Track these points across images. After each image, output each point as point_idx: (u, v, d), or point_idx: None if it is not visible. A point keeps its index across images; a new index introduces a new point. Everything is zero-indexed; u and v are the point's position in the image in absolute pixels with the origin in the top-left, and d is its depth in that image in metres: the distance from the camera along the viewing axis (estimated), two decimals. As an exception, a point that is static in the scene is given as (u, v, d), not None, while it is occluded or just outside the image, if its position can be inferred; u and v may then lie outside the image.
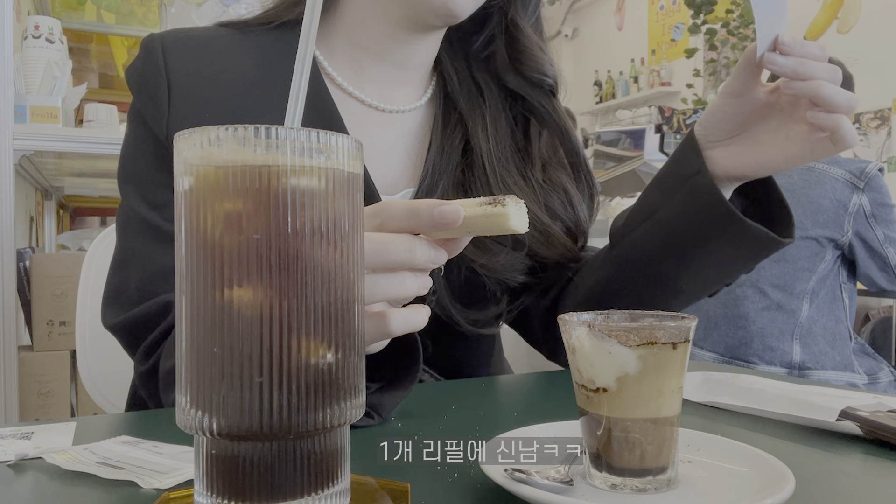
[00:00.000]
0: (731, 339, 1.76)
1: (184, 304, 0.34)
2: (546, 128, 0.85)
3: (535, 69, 0.83)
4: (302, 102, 0.38)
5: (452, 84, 0.84)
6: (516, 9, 0.83)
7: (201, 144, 0.33)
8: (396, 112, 0.82)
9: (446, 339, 0.76)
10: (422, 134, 0.83)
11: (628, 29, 6.42)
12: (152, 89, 0.72)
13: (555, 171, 0.83)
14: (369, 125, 0.80)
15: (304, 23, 0.38)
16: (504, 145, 0.82)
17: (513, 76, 0.83)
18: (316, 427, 0.34)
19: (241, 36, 0.78)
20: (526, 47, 0.83)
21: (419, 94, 0.84)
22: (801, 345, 1.72)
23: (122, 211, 0.74)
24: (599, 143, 3.26)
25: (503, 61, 0.84)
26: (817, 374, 1.71)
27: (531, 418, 0.51)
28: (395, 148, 0.81)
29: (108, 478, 0.44)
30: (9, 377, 1.67)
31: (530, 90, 0.83)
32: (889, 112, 4.16)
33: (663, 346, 0.40)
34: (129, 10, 3.24)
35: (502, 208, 0.42)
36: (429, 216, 0.43)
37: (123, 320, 0.69)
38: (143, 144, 0.73)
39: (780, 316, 1.72)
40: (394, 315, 0.45)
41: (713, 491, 0.41)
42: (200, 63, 0.74)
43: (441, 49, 0.84)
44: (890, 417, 0.53)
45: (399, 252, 0.43)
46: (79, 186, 3.00)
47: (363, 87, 0.80)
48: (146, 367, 0.68)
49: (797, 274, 1.71)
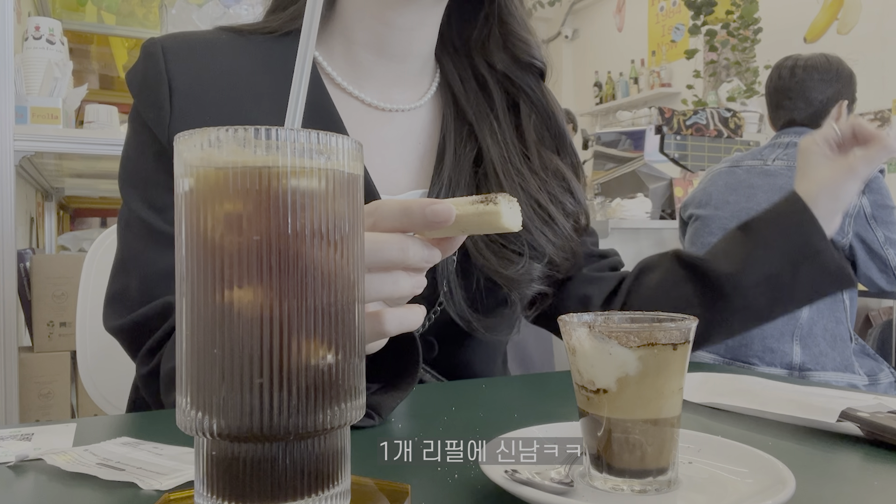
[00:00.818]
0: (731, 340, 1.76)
1: (184, 305, 0.34)
2: (534, 111, 0.85)
3: (526, 52, 0.83)
4: (302, 104, 0.38)
5: (456, 84, 0.85)
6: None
7: (201, 146, 0.33)
8: (397, 111, 0.82)
9: (455, 341, 0.76)
10: (426, 134, 0.83)
11: (628, 30, 6.43)
12: (154, 93, 0.72)
13: (550, 158, 0.83)
14: (370, 125, 0.80)
15: (304, 24, 0.38)
16: (512, 148, 0.82)
17: (501, 56, 0.84)
18: (316, 428, 0.34)
19: (242, 39, 0.78)
20: (516, 31, 0.83)
21: (420, 93, 0.84)
22: (801, 346, 1.72)
23: (123, 214, 0.74)
24: (599, 144, 3.26)
25: (495, 43, 0.84)
26: (817, 375, 1.71)
27: (531, 419, 0.51)
28: (398, 147, 0.81)
29: (108, 479, 0.44)
30: (9, 378, 1.67)
31: (519, 72, 0.84)
32: (889, 113, 4.16)
33: (664, 347, 0.40)
34: (130, 12, 3.25)
35: (494, 206, 0.42)
36: (421, 215, 0.43)
37: (125, 323, 0.69)
38: (144, 147, 0.73)
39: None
40: (389, 315, 0.45)
41: (713, 492, 0.41)
42: (201, 66, 0.74)
43: (438, 46, 0.84)
44: (890, 418, 0.53)
45: (392, 251, 0.43)
46: (79, 187, 3.00)
47: (363, 86, 0.80)
48: (148, 370, 0.68)
49: None
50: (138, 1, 3.21)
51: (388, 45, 0.79)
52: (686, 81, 5.03)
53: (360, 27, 0.78)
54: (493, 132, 0.81)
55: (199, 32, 0.80)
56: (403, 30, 0.78)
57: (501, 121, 0.83)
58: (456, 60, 0.86)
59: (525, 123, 0.84)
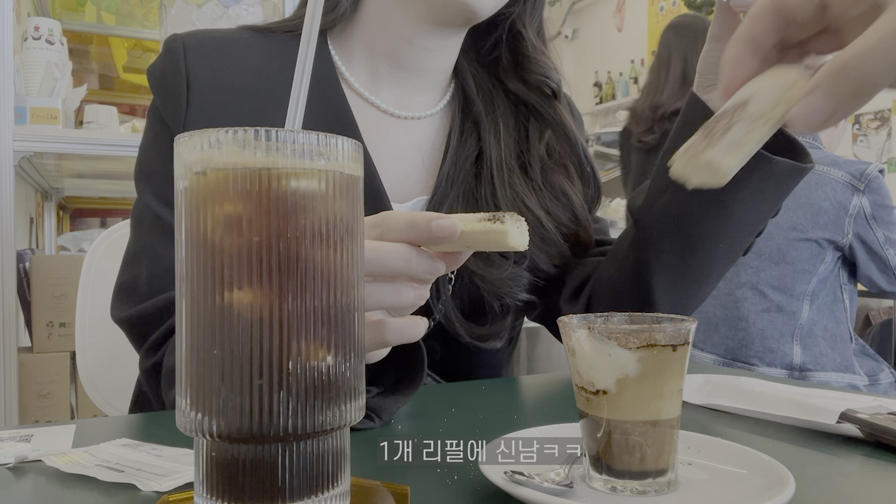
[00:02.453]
0: (731, 340, 1.76)
1: (184, 306, 0.34)
2: (549, 129, 0.84)
3: (537, 72, 0.83)
4: (303, 104, 0.38)
5: (470, 89, 0.85)
6: (522, 19, 0.83)
7: (201, 147, 0.33)
8: (412, 119, 0.82)
9: (456, 346, 0.76)
10: (437, 141, 0.83)
11: (628, 30, 6.43)
12: (171, 88, 0.73)
13: (553, 174, 0.83)
14: (384, 131, 0.80)
15: (304, 24, 0.38)
16: (511, 152, 0.82)
17: (514, 81, 0.84)
18: (315, 429, 0.34)
19: (264, 39, 0.79)
20: (529, 53, 0.83)
21: (436, 100, 0.85)
22: (801, 346, 1.72)
23: (136, 207, 0.75)
24: (599, 143, 3.26)
25: (507, 66, 0.84)
26: (818, 375, 1.71)
27: (531, 420, 0.51)
28: (411, 155, 0.81)
29: (107, 480, 0.44)
30: (8, 379, 1.67)
31: (532, 94, 0.83)
32: (889, 113, 4.16)
33: (663, 348, 0.40)
34: (129, 12, 3.25)
35: (501, 225, 0.42)
36: (426, 229, 0.43)
37: (132, 315, 0.70)
38: (160, 142, 0.74)
39: (780, 318, 1.72)
40: (391, 325, 0.46)
41: (713, 493, 0.41)
42: (221, 64, 0.75)
43: (460, 54, 0.84)
44: (890, 420, 0.53)
45: (396, 261, 0.44)
46: (79, 188, 3.00)
47: (380, 92, 0.81)
48: (151, 363, 0.68)
49: (797, 276, 1.71)
50: (138, 1, 3.20)
51: (408, 61, 0.79)
52: (686, 82, 5.02)
53: (382, 39, 0.79)
54: (496, 133, 0.82)
55: (222, 30, 0.81)
56: (426, 49, 0.79)
57: (508, 126, 0.83)
58: (472, 69, 0.87)
59: (532, 136, 0.83)
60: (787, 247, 1.67)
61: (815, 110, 0.37)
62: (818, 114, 0.37)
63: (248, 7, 2.09)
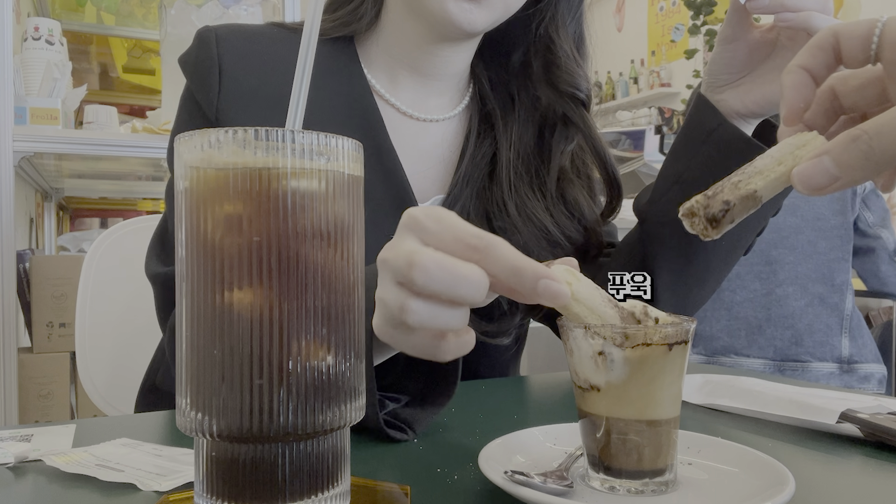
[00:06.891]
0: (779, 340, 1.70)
1: (184, 306, 0.34)
2: (577, 138, 0.84)
3: (568, 83, 0.82)
4: (303, 105, 0.38)
5: (486, 92, 0.86)
6: (555, 23, 0.83)
7: (202, 147, 0.33)
8: (431, 121, 0.84)
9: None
10: (455, 142, 0.85)
11: (628, 30, 6.43)
12: (204, 74, 0.75)
13: (570, 185, 0.83)
14: (403, 132, 0.82)
15: (304, 25, 0.38)
16: (524, 158, 0.83)
17: (545, 88, 0.84)
18: (316, 429, 0.34)
19: (291, 34, 0.81)
20: (560, 61, 0.83)
21: (455, 103, 0.86)
22: (849, 338, 1.69)
23: (169, 184, 0.79)
24: (599, 144, 3.25)
25: (537, 73, 0.84)
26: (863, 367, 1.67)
27: (531, 420, 0.51)
28: (429, 156, 0.83)
29: (107, 480, 0.44)
30: (9, 379, 1.67)
31: (562, 102, 0.83)
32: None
33: (659, 347, 0.40)
34: (129, 12, 3.25)
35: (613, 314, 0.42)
36: (532, 284, 0.38)
37: (164, 273, 0.73)
38: (195, 121, 0.77)
39: (823, 310, 1.67)
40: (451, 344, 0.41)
41: (713, 493, 0.41)
42: (251, 52, 0.78)
43: (476, 58, 0.85)
44: (890, 420, 0.53)
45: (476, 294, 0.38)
46: (79, 188, 3.00)
47: (398, 95, 0.83)
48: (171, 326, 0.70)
49: (832, 265, 1.68)
50: (137, 1, 3.20)
51: (424, 67, 0.82)
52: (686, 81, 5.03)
53: (400, 48, 0.81)
54: (509, 138, 0.83)
55: (250, 24, 0.84)
56: (439, 56, 0.81)
57: (527, 133, 0.84)
58: (491, 72, 0.87)
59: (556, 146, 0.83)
60: (817, 237, 1.66)
61: (819, 172, 0.38)
62: (821, 176, 0.38)
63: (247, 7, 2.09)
